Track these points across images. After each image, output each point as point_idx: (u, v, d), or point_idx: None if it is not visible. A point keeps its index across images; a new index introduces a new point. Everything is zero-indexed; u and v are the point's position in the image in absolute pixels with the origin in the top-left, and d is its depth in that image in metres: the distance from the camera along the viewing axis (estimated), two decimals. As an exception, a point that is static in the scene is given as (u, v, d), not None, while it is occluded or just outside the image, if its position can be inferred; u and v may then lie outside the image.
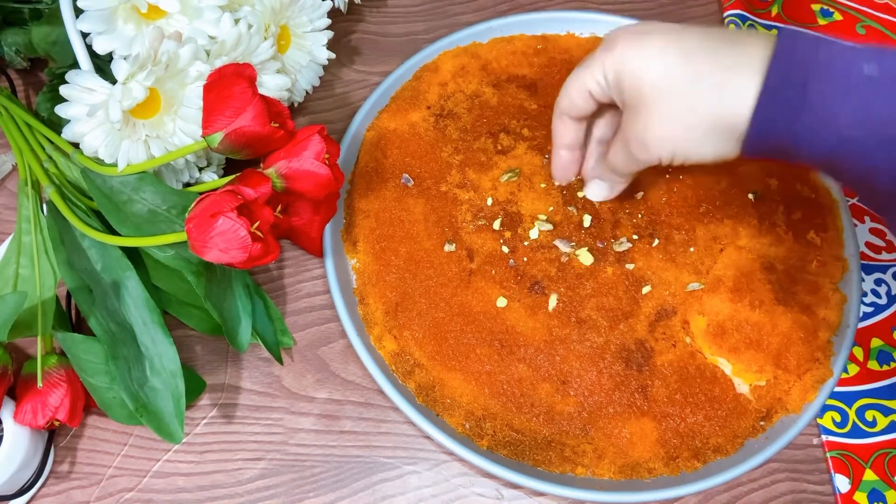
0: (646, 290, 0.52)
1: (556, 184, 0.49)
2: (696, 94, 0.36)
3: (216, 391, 0.51)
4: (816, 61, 0.33)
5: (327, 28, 0.56)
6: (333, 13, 0.58)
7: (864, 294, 0.56)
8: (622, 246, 0.53)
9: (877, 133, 0.32)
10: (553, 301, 0.51)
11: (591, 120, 0.48)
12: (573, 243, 0.53)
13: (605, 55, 0.40)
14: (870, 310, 0.56)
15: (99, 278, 0.46)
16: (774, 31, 0.36)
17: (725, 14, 0.68)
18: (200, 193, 0.42)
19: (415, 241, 0.54)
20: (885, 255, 0.58)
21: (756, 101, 0.34)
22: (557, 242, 0.53)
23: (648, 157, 0.40)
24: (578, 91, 0.42)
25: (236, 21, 0.47)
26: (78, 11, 0.44)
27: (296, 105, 0.60)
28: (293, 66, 0.56)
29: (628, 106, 0.39)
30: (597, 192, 0.46)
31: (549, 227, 0.54)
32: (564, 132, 0.45)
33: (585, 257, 0.52)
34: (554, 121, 0.45)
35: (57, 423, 0.46)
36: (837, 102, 0.32)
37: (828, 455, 0.51)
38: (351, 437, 0.50)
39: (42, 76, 0.60)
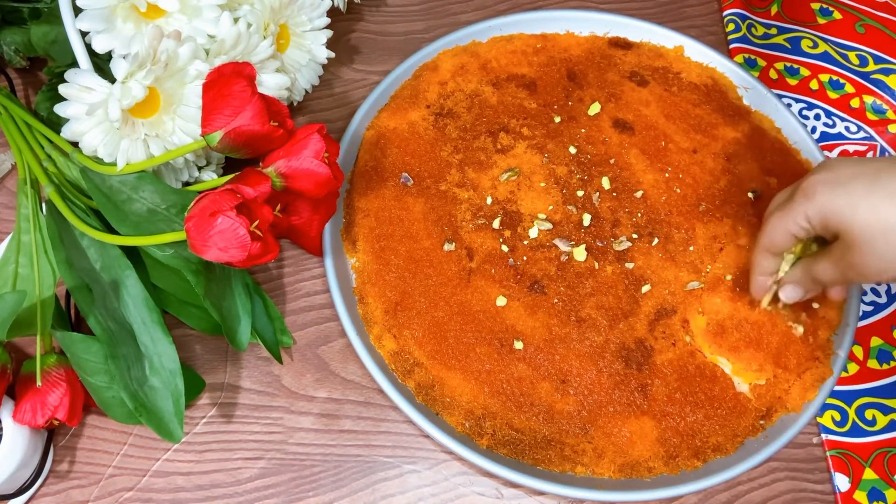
0: (645, 289, 0.52)
1: (757, 299, 0.51)
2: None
3: (215, 390, 0.51)
4: None
5: (327, 27, 0.56)
6: (333, 12, 0.58)
7: (864, 293, 0.56)
8: (622, 245, 0.53)
9: None
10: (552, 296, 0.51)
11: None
12: (572, 242, 0.53)
13: (807, 204, 0.41)
14: (869, 309, 0.56)
15: (98, 277, 0.46)
16: None
17: (725, 13, 0.68)
18: (200, 192, 0.42)
19: (414, 240, 0.53)
20: (884, 254, 0.58)
21: None
22: (557, 241, 0.53)
23: (865, 282, 0.43)
24: (782, 234, 0.44)
25: (235, 20, 0.47)
26: (77, 10, 0.44)
27: (295, 104, 0.60)
28: (292, 65, 0.56)
29: (842, 241, 0.41)
30: (792, 294, 0.48)
31: (549, 226, 0.54)
32: (766, 265, 0.47)
33: (580, 254, 0.52)
34: (756, 255, 0.47)
35: (56, 423, 0.46)
36: None
37: (828, 454, 0.51)
38: (350, 437, 0.50)
39: (41, 75, 0.60)
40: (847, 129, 0.64)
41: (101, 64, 0.47)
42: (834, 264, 0.43)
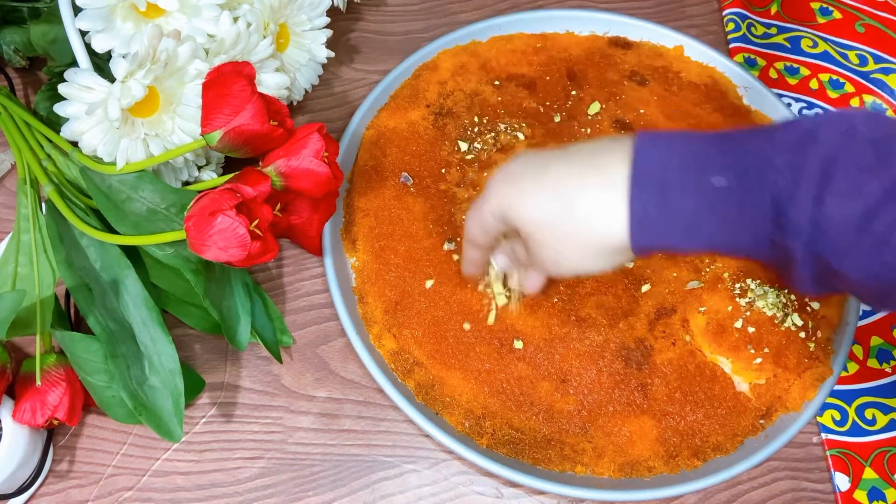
0: (645, 288, 0.52)
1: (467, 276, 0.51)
2: (572, 229, 0.37)
3: (215, 390, 0.51)
4: (669, 176, 0.34)
5: (326, 26, 0.56)
6: (332, 12, 0.58)
7: (864, 292, 0.56)
8: None
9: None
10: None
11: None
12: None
13: (487, 200, 0.41)
14: (870, 308, 0.56)
15: (98, 277, 0.46)
16: (628, 143, 0.36)
17: (725, 13, 0.68)
18: (199, 192, 0.42)
19: (414, 239, 0.53)
20: (884, 254, 0.58)
21: (628, 229, 0.35)
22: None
23: (560, 275, 0.42)
24: (476, 229, 0.43)
25: (235, 19, 0.47)
26: (76, 10, 0.44)
27: (295, 103, 0.60)
28: (292, 64, 0.56)
29: (524, 236, 0.40)
30: (502, 263, 0.48)
31: (549, 225, 0.54)
32: (472, 256, 0.47)
33: None
34: (464, 245, 0.47)
35: (56, 422, 0.45)
36: (700, 214, 0.34)
37: (828, 453, 0.51)
38: (350, 436, 0.50)
39: (41, 75, 0.60)
40: (847, 128, 0.64)
41: (101, 63, 0.47)
42: (532, 262, 0.42)
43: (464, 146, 0.57)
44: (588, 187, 0.36)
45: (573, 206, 0.37)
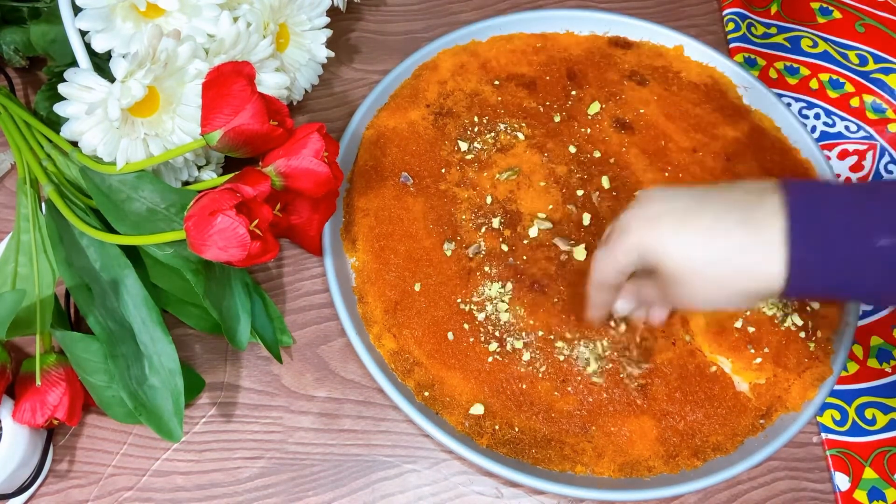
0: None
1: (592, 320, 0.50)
2: (721, 274, 0.38)
3: (215, 390, 0.51)
4: (830, 236, 0.35)
5: (326, 26, 0.56)
6: (332, 11, 0.58)
7: (864, 292, 0.56)
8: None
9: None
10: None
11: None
12: (572, 241, 0.53)
13: (624, 240, 0.41)
14: (869, 308, 0.56)
15: (98, 277, 0.46)
16: (778, 197, 0.37)
17: (725, 12, 0.68)
18: (199, 192, 0.42)
19: (414, 239, 0.53)
20: (884, 254, 0.58)
21: (786, 282, 0.36)
22: (557, 241, 0.53)
23: (691, 309, 0.44)
24: (609, 269, 0.43)
25: (235, 19, 0.47)
26: (76, 9, 0.44)
27: (295, 103, 0.60)
28: (292, 64, 0.56)
29: (660, 276, 0.40)
30: (624, 307, 0.47)
31: (549, 225, 0.54)
32: (600, 299, 0.46)
33: (580, 253, 0.52)
34: (590, 290, 0.46)
35: (56, 422, 0.45)
36: (861, 269, 0.35)
37: (827, 453, 0.51)
38: (350, 436, 0.50)
39: (41, 75, 0.60)
40: (847, 128, 0.64)
41: (101, 63, 0.47)
42: (656, 290, 0.43)
43: (464, 146, 0.57)
44: (745, 243, 0.37)
45: (729, 257, 0.37)
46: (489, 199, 0.55)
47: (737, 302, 0.39)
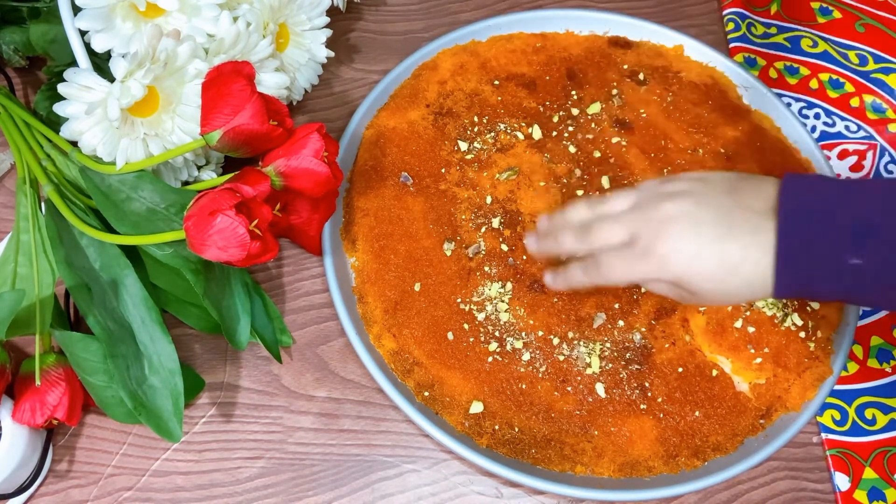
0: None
1: (531, 250, 0.50)
2: (728, 282, 0.41)
3: (215, 390, 0.51)
4: (814, 254, 0.38)
5: (326, 26, 0.56)
6: (332, 11, 0.58)
7: (864, 292, 0.56)
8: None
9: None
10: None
11: None
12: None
13: (660, 273, 0.42)
14: (870, 308, 0.56)
15: (97, 277, 0.46)
16: (773, 201, 0.40)
17: (725, 12, 0.68)
18: (199, 191, 0.41)
19: (414, 239, 0.53)
20: (884, 254, 0.58)
21: (773, 286, 0.39)
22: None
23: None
24: (623, 281, 0.44)
25: (235, 19, 0.47)
26: (76, 9, 0.44)
27: (294, 103, 0.60)
28: (292, 64, 0.55)
29: (681, 285, 0.42)
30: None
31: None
32: (587, 284, 0.47)
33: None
34: (594, 281, 0.46)
35: (55, 422, 0.45)
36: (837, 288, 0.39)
37: (827, 453, 0.51)
38: (350, 436, 0.50)
39: (40, 74, 0.60)
40: (847, 128, 0.64)
41: (101, 63, 0.47)
42: (675, 292, 0.44)
43: (464, 146, 0.57)
44: (744, 254, 0.40)
45: (735, 267, 0.40)
46: (489, 199, 0.55)
47: (736, 302, 0.45)
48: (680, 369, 0.50)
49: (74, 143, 0.46)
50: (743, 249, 0.39)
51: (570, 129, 0.59)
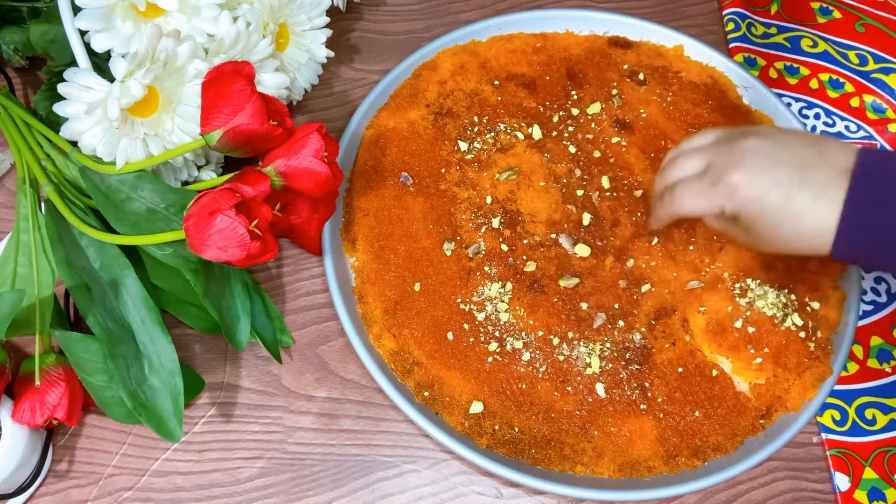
0: (645, 288, 0.52)
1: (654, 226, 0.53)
2: (782, 225, 0.41)
3: (215, 390, 0.51)
4: (882, 215, 0.39)
5: (326, 26, 0.56)
6: (332, 11, 0.58)
7: (864, 292, 0.56)
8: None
9: None
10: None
11: None
12: (572, 241, 0.53)
13: (727, 201, 0.43)
14: (870, 308, 0.56)
15: (97, 277, 0.46)
16: (853, 162, 0.40)
17: (725, 12, 0.68)
18: (199, 191, 0.41)
19: (414, 239, 0.53)
20: (884, 254, 0.58)
21: (832, 246, 0.40)
22: (562, 238, 0.53)
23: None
24: (693, 210, 0.46)
25: (235, 19, 0.47)
26: (76, 9, 0.44)
27: (294, 103, 0.60)
28: (292, 64, 0.55)
29: (740, 219, 0.44)
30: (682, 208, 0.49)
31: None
32: (666, 219, 0.49)
33: (583, 249, 0.52)
34: (660, 213, 0.49)
35: (55, 422, 0.45)
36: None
37: (827, 453, 0.51)
38: (350, 436, 0.50)
39: (40, 74, 0.60)
40: (847, 128, 0.64)
41: (101, 63, 0.47)
42: (737, 231, 0.45)
43: (464, 146, 0.57)
44: (808, 206, 0.40)
45: (787, 204, 0.41)
46: (489, 199, 0.55)
47: (786, 250, 0.43)
48: (680, 369, 0.50)
49: (74, 143, 0.46)
50: (812, 200, 0.40)
51: (570, 129, 0.59)
